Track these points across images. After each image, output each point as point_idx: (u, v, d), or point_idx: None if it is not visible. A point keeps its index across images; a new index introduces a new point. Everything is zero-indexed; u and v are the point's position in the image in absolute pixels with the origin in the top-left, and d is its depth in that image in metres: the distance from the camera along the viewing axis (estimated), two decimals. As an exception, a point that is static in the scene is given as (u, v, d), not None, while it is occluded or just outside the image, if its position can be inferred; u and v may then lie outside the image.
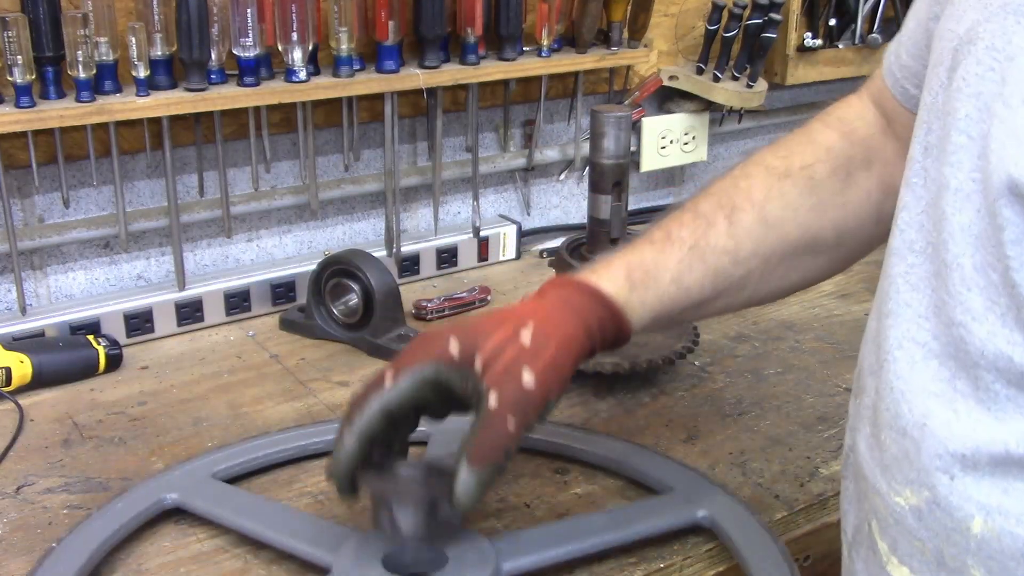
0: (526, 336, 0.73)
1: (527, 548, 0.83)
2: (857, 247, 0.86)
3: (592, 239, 1.18)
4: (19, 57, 1.07)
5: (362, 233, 1.49)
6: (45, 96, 1.12)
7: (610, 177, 1.14)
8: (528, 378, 0.71)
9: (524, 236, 1.58)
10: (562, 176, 1.64)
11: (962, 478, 0.59)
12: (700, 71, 1.60)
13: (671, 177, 1.79)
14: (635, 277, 0.79)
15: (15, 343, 1.16)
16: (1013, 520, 0.57)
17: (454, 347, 0.74)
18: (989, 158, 0.55)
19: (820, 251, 0.84)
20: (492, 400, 0.71)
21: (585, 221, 1.20)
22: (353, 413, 0.74)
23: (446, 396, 0.75)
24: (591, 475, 1.00)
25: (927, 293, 0.61)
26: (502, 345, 0.73)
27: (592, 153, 1.15)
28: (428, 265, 1.48)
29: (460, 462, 0.71)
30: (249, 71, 1.21)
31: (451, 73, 1.34)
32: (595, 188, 1.16)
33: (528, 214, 1.63)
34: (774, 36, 1.55)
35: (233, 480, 0.97)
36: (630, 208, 1.74)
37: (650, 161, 1.68)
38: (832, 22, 1.72)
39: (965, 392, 0.59)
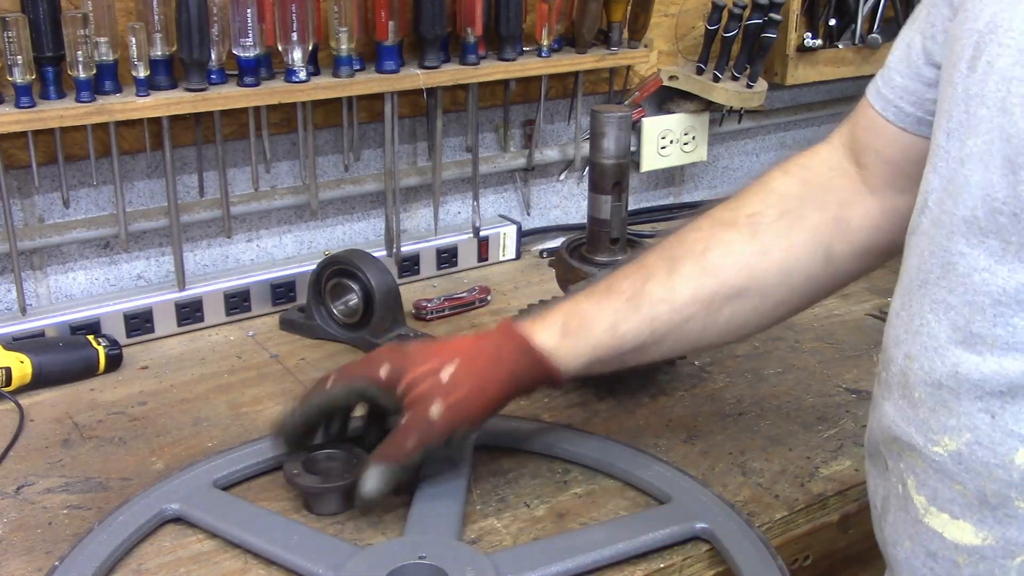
0: (446, 374, 0.87)
1: (526, 563, 0.83)
2: (807, 287, 0.90)
3: (592, 239, 1.18)
4: (19, 57, 1.07)
5: (362, 233, 1.49)
6: (45, 96, 1.12)
7: (610, 177, 1.14)
8: (435, 410, 0.85)
9: (524, 236, 1.58)
10: (562, 176, 1.64)
11: (1002, 415, 0.64)
12: (700, 71, 1.60)
13: (671, 177, 1.79)
14: (570, 327, 0.89)
15: (15, 343, 1.16)
16: None
17: (384, 371, 0.89)
18: (1012, 114, 0.61)
19: (766, 293, 0.89)
20: (403, 419, 0.87)
21: (585, 221, 1.20)
22: (301, 400, 0.94)
23: (373, 405, 0.93)
24: (591, 475, 1.00)
25: (944, 256, 0.66)
26: (424, 376, 0.87)
27: (592, 153, 1.15)
28: (428, 265, 1.48)
29: (368, 461, 0.87)
30: (249, 71, 1.21)
31: (451, 73, 1.34)
32: (595, 188, 1.16)
33: (528, 214, 1.63)
34: (774, 36, 1.55)
35: (234, 485, 0.96)
36: (630, 208, 1.75)
37: (650, 161, 1.68)
38: (832, 22, 1.72)
39: (983, 333, 0.64)
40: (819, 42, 1.69)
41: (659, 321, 0.87)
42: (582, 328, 0.88)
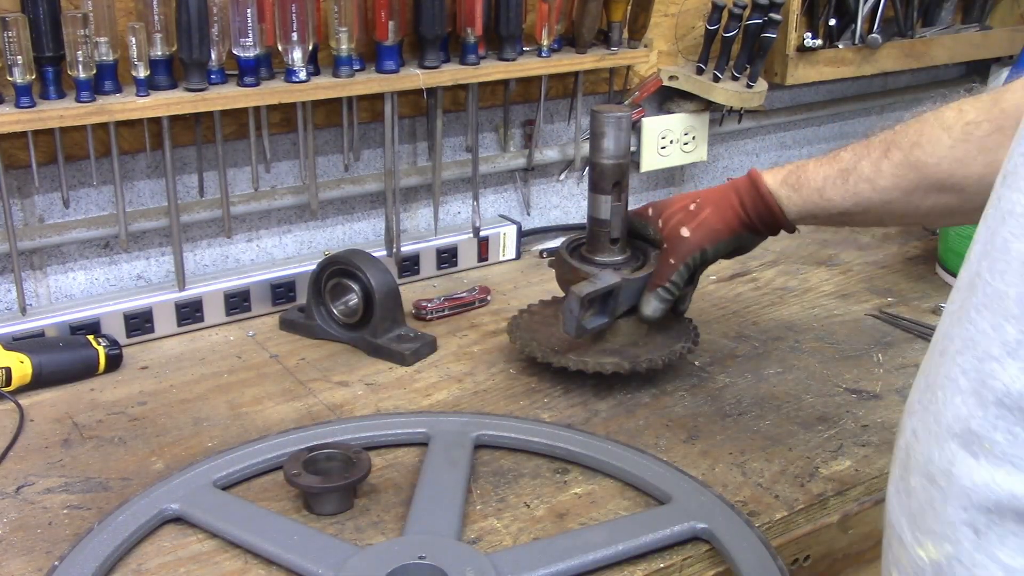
0: (692, 205, 1.12)
1: (526, 563, 0.83)
2: None
3: (592, 239, 1.17)
4: (19, 57, 1.07)
5: (362, 233, 1.49)
6: (45, 96, 1.12)
7: (610, 177, 1.14)
8: (685, 231, 1.10)
9: (524, 236, 1.58)
10: (562, 176, 1.64)
11: (986, 534, 0.55)
12: (700, 71, 1.60)
13: (671, 177, 1.79)
14: (791, 180, 1.07)
15: (15, 343, 1.16)
16: None
17: (650, 210, 1.16)
18: None
19: (965, 196, 0.94)
20: (664, 244, 1.12)
21: (585, 221, 1.20)
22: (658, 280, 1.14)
23: (642, 237, 1.17)
24: (591, 475, 1.00)
25: (966, 326, 0.58)
26: (676, 211, 1.13)
27: (592, 153, 1.15)
28: (428, 265, 1.48)
29: (645, 294, 1.12)
30: (249, 71, 1.21)
31: (451, 73, 1.34)
32: (595, 188, 1.15)
33: (528, 214, 1.63)
34: (774, 36, 1.55)
35: (234, 485, 0.97)
36: (630, 208, 1.75)
37: (650, 161, 1.68)
38: (832, 22, 1.73)
39: (984, 435, 0.55)
40: (819, 42, 1.69)
41: (861, 196, 1.01)
42: (799, 183, 1.06)
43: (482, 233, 1.51)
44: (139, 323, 1.26)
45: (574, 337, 1.10)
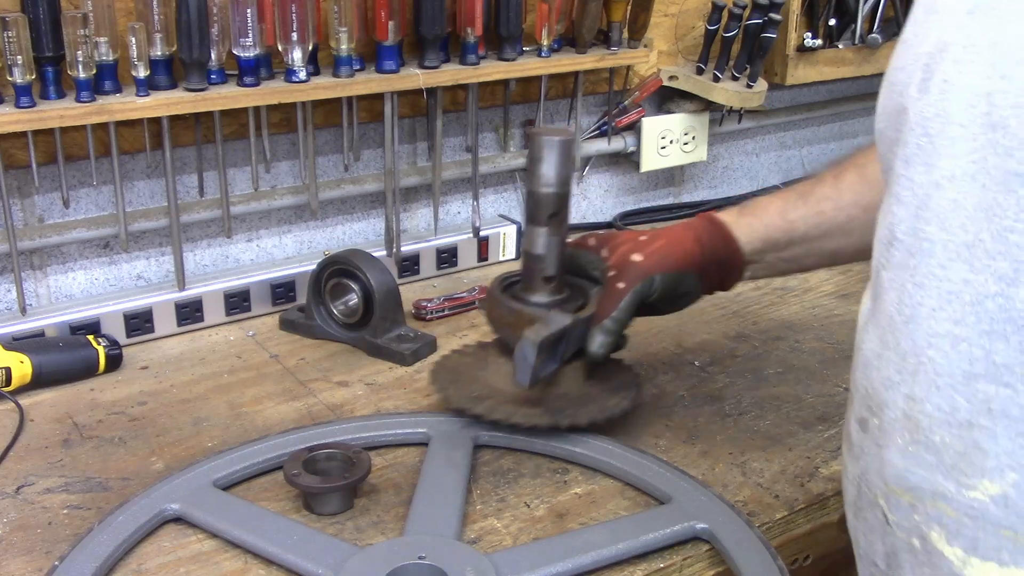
0: (643, 237, 1.04)
1: (525, 563, 0.83)
2: None
3: (526, 276, 1.05)
4: (19, 57, 1.07)
5: (362, 233, 1.49)
6: (45, 96, 1.12)
7: (546, 208, 1.01)
8: (636, 256, 1.01)
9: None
10: (562, 176, 1.64)
11: None
12: (700, 71, 1.60)
13: (671, 177, 1.79)
14: (746, 209, 1.05)
15: (15, 343, 1.16)
16: None
17: (592, 240, 1.08)
18: (1007, 127, 0.57)
19: None
20: (609, 273, 1.02)
21: (582, 221, 1.19)
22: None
23: (581, 272, 1.08)
24: (591, 475, 1.00)
25: (939, 286, 0.61)
26: (625, 240, 1.05)
27: (528, 180, 1.03)
28: (428, 265, 1.48)
29: (591, 328, 1.01)
30: (249, 71, 1.21)
31: (451, 73, 1.34)
32: (530, 219, 1.02)
33: (528, 214, 1.63)
34: (774, 36, 1.55)
35: (234, 485, 0.97)
36: (629, 209, 1.75)
37: (650, 161, 1.68)
38: (832, 22, 1.72)
39: (1011, 363, 0.58)
40: (819, 42, 1.69)
41: (824, 216, 1.00)
42: (757, 210, 1.04)
43: (482, 233, 1.51)
44: (139, 323, 1.26)
45: (528, 388, 0.97)
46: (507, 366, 1.03)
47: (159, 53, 1.16)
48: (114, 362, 1.19)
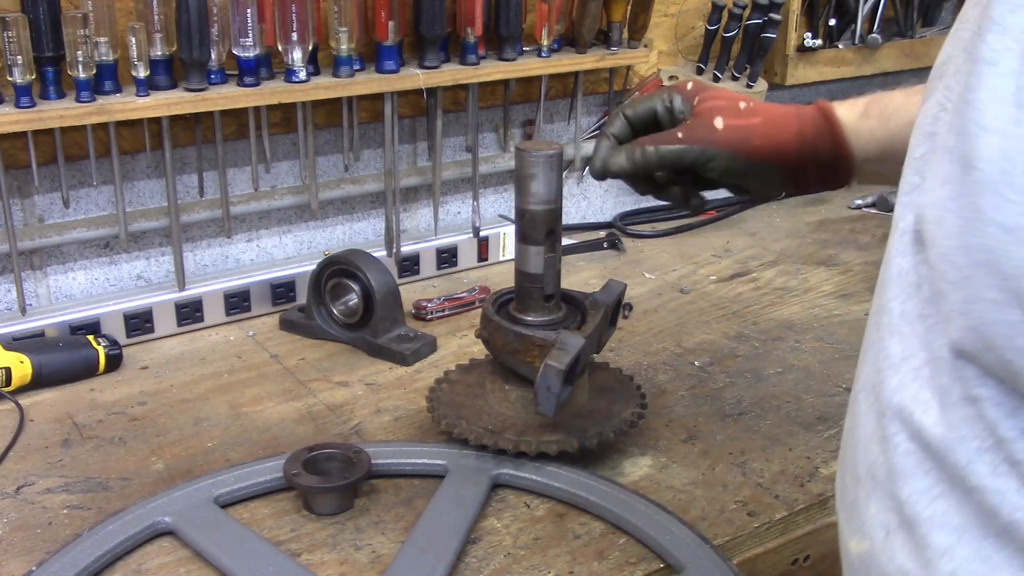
0: (741, 104, 0.91)
1: None
2: None
3: (522, 296, 1.01)
4: (19, 57, 1.07)
5: (362, 233, 1.49)
6: (45, 96, 1.12)
7: (542, 225, 0.97)
8: (719, 122, 0.89)
9: (524, 236, 1.58)
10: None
11: (893, 536, 0.54)
12: (700, 71, 1.60)
13: (671, 177, 1.79)
14: (873, 110, 0.88)
15: (15, 343, 1.15)
16: None
17: (690, 85, 0.95)
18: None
19: None
20: (686, 120, 0.91)
21: (582, 221, 1.18)
22: (607, 124, 0.97)
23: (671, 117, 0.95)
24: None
25: (869, 336, 0.59)
26: (722, 96, 0.92)
27: (519, 198, 0.98)
28: (428, 265, 1.48)
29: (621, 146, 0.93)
30: (249, 71, 1.21)
31: (451, 73, 1.34)
32: (524, 239, 0.98)
33: (528, 214, 1.63)
34: (774, 36, 1.55)
35: (237, 503, 0.94)
36: (629, 209, 1.75)
37: (650, 161, 1.67)
38: (832, 22, 1.73)
39: (880, 441, 0.55)
40: (819, 42, 1.70)
41: None
42: (885, 114, 0.88)
43: (482, 233, 1.51)
44: (139, 323, 1.26)
45: (551, 417, 0.93)
46: (511, 392, 1.01)
47: (159, 53, 1.16)
48: (114, 362, 1.19)
